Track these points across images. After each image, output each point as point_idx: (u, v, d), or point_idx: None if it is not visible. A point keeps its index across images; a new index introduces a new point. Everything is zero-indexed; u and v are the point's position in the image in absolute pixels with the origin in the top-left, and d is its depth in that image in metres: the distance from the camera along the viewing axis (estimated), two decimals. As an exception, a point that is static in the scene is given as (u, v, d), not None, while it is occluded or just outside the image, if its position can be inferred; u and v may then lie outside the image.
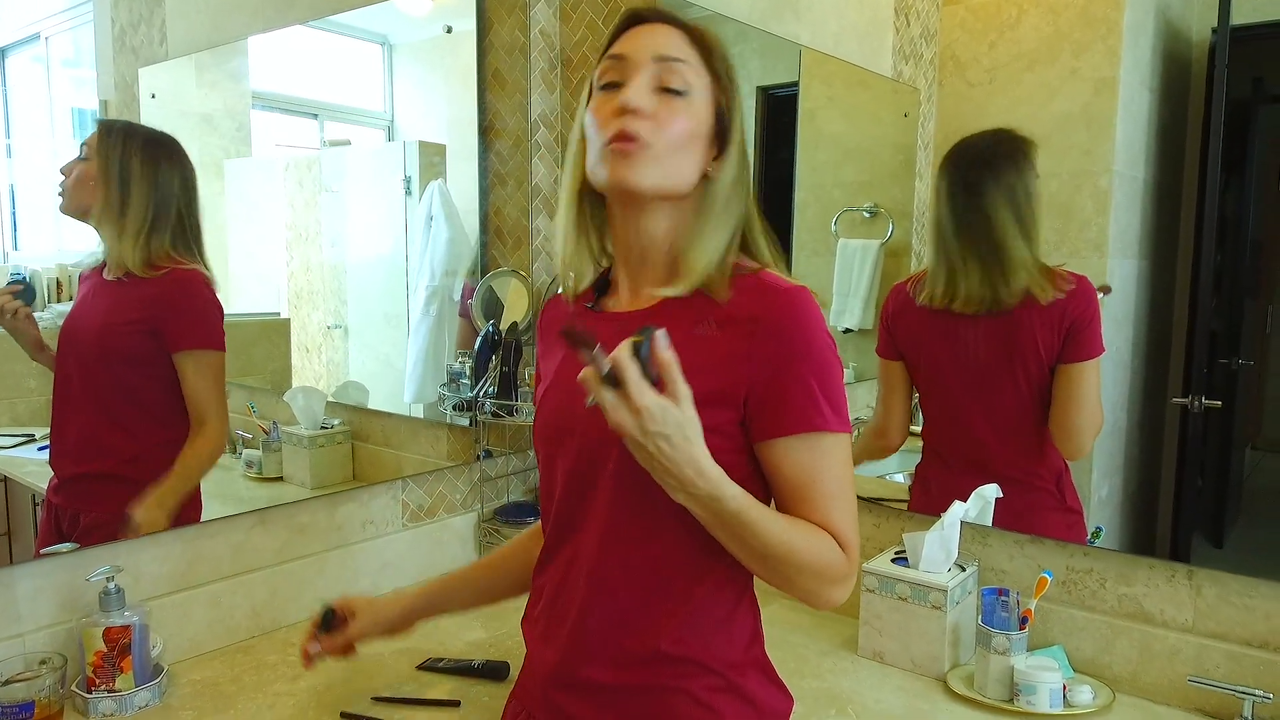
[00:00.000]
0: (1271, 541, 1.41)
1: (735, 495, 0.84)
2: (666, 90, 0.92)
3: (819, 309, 0.91)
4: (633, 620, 0.94)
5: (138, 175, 1.42)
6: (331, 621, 1.20)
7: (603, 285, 1.05)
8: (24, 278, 1.42)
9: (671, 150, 0.92)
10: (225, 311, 1.65)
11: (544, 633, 1.01)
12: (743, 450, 0.92)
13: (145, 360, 1.45)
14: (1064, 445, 1.47)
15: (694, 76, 0.94)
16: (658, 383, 0.79)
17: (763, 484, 0.94)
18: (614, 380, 0.77)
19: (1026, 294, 1.45)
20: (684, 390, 0.80)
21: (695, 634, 0.94)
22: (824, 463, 0.90)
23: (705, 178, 0.96)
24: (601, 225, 1.02)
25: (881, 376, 1.67)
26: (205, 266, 1.51)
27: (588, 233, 1.01)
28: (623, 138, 0.90)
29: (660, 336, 0.79)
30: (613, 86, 0.94)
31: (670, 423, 0.79)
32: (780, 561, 0.88)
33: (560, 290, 1.08)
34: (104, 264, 1.44)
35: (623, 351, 0.77)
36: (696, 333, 0.92)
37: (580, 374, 0.79)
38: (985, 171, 1.48)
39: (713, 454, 0.85)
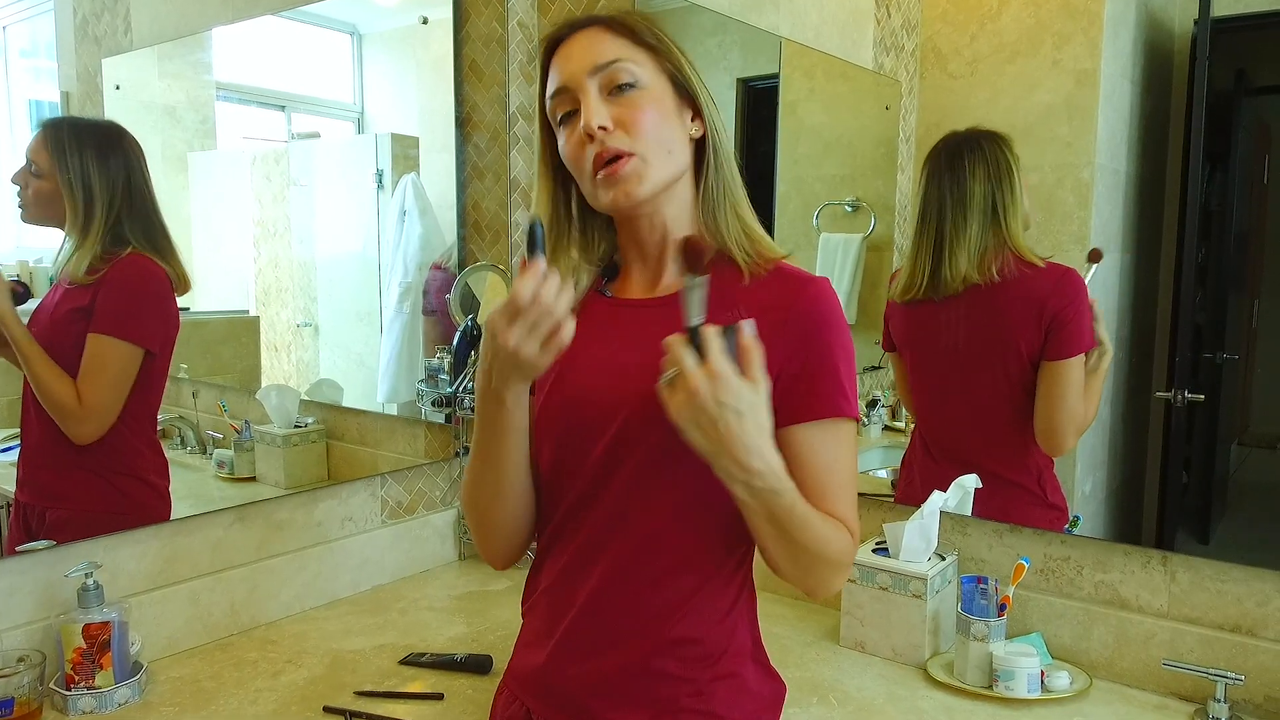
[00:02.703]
0: (1258, 538, 1.44)
1: (791, 490, 0.88)
2: (617, 89, 0.97)
3: (839, 298, 1.00)
4: (642, 608, 0.99)
5: (97, 180, 1.46)
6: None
7: (610, 270, 1.10)
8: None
9: (653, 143, 0.97)
10: (191, 309, 1.67)
11: (545, 618, 1.05)
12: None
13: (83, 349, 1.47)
14: (1045, 442, 1.53)
15: (634, 65, 0.98)
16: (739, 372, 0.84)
17: None
18: (697, 348, 0.82)
19: (1005, 273, 1.51)
20: (763, 380, 0.85)
21: (701, 622, 0.99)
22: (842, 449, 0.97)
23: (693, 142, 1.03)
24: (590, 233, 1.09)
25: (892, 366, 1.76)
26: (162, 257, 1.53)
27: (576, 246, 1.07)
28: (602, 161, 0.96)
29: (747, 326, 0.85)
30: (570, 117, 0.99)
31: (745, 400, 0.83)
32: (810, 556, 0.93)
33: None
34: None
35: (711, 329, 0.83)
36: (724, 319, 0.95)
37: (666, 338, 0.84)
38: (968, 152, 1.54)
39: None
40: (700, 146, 1.04)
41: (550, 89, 1.01)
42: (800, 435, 0.96)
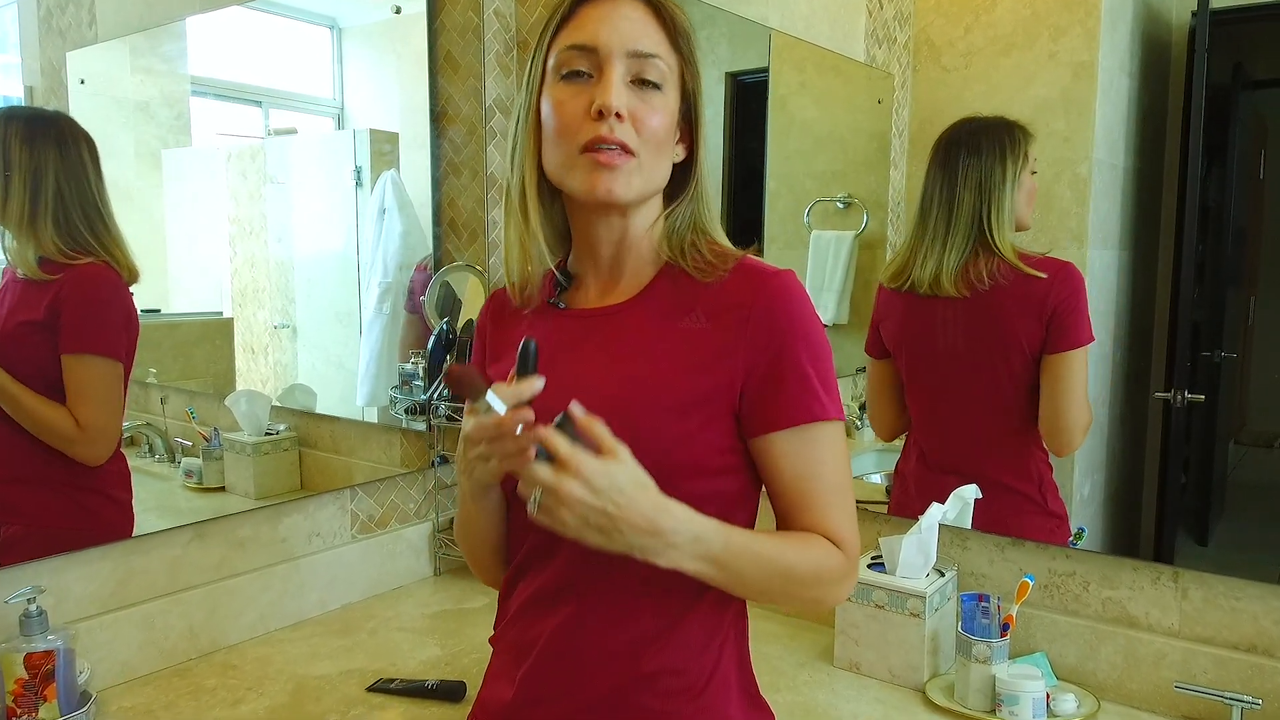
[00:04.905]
0: (1256, 538, 1.41)
1: (716, 527, 0.83)
2: (642, 82, 0.89)
3: (806, 292, 0.91)
4: (612, 640, 0.91)
5: (17, 162, 1.37)
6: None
7: (564, 276, 1.01)
8: None
9: (654, 152, 0.90)
10: (163, 311, 1.62)
11: (513, 651, 0.97)
12: (738, 449, 0.91)
13: (46, 363, 1.39)
14: (1053, 440, 1.46)
15: (668, 68, 0.91)
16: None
17: (757, 477, 0.93)
18: (546, 456, 0.78)
19: (997, 279, 1.44)
20: (621, 446, 0.80)
21: (681, 653, 0.91)
22: (823, 454, 0.90)
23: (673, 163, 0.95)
24: (558, 223, 0.99)
25: (869, 376, 1.67)
26: (116, 260, 1.44)
27: (544, 234, 0.98)
28: (603, 145, 0.87)
29: (574, 406, 0.80)
30: (577, 76, 0.90)
31: (618, 476, 0.78)
32: (781, 585, 0.88)
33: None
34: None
35: (547, 431, 0.78)
36: (683, 325, 0.90)
37: (522, 476, 0.79)
38: (965, 154, 1.47)
39: (710, 453, 0.86)
40: (677, 168, 0.96)
41: (572, 40, 0.90)
42: (774, 444, 0.89)
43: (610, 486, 0.77)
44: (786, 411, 0.88)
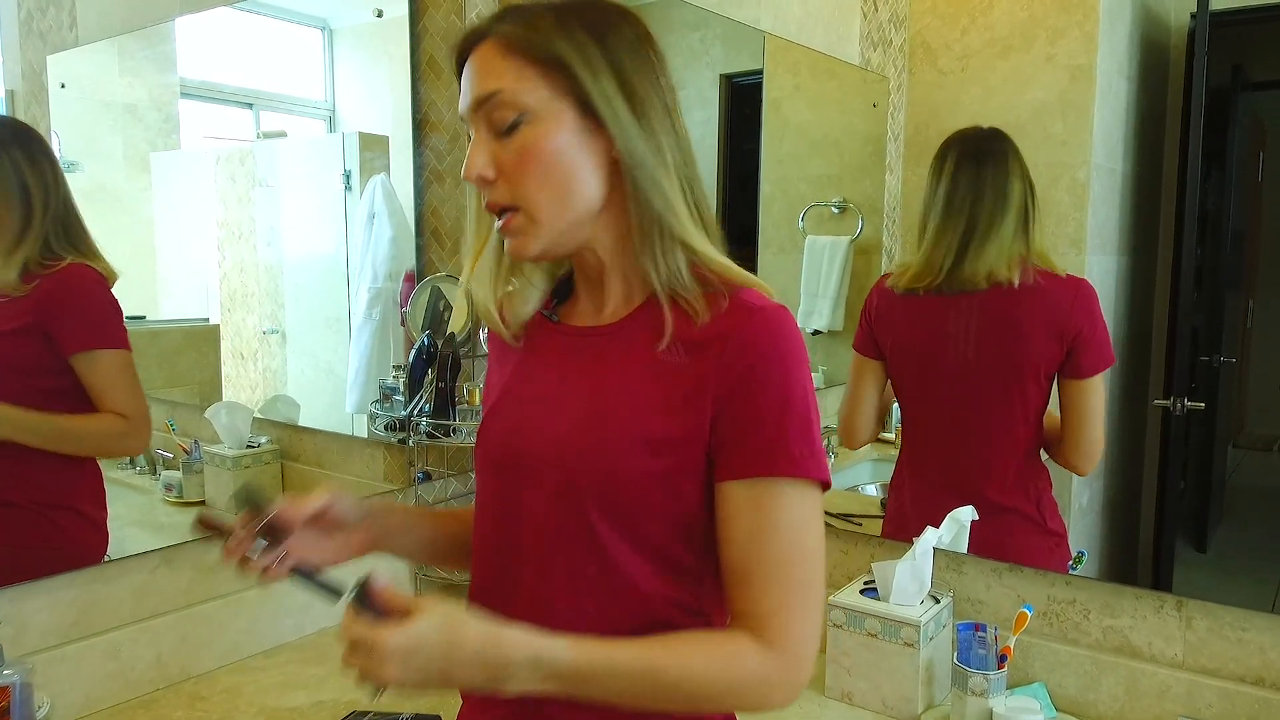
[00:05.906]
0: (1254, 542, 1.37)
1: (565, 646, 0.74)
2: (506, 126, 0.78)
3: (800, 334, 0.78)
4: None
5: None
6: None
7: (563, 290, 0.92)
8: None
9: (540, 194, 0.79)
10: (148, 317, 1.56)
11: (481, 699, 0.89)
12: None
13: (39, 370, 1.33)
14: (1077, 461, 1.40)
15: (523, 93, 0.77)
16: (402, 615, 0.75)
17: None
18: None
19: (1018, 284, 1.37)
20: (420, 601, 0.74)
21: None
22: (779, 518, 0.76)
23: (615, 163, 0.81)
24: None
25: (853, 372, 1.57)
26: (88, 258, 1.37)
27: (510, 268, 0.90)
28: (494, 210, 0.82)
29: (372, 579, 0.75)
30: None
31: (426, 632, 0.72)
32: (668, 699, 0.76)
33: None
34: None
35: (346, 621, 0.73)
36: (662, 358, 0.79)
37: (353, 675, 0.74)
38: (1009, 150, 1.41)
39: (679, 497, 0.78)
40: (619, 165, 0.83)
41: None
42: (728, 495, 0.77)
43: (422, 645, 0.71)
44: (746, 458, 0.76)
